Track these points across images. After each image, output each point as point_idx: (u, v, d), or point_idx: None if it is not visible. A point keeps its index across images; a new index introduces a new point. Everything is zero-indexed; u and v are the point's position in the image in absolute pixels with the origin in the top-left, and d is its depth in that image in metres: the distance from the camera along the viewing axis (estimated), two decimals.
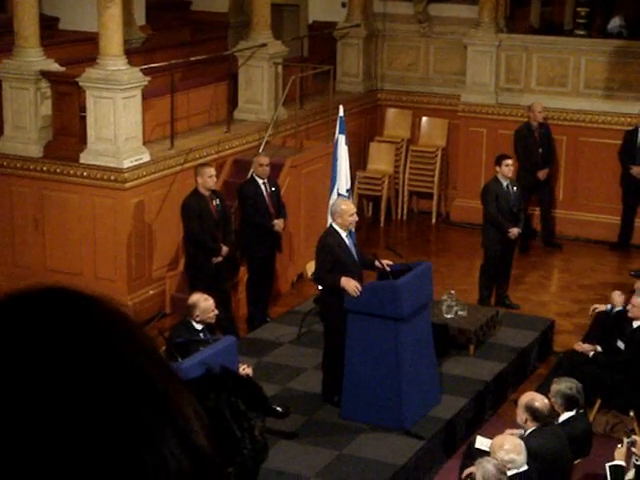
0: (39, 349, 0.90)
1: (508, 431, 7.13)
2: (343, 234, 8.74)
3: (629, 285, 10.82)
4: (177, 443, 0.91)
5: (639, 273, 11.99)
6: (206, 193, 10.23)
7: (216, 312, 8.12)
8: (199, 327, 8.04)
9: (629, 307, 9.08)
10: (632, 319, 9.00)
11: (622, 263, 13.17)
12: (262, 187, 10.80)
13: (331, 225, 8.87)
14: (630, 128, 13.28)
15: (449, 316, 9.95)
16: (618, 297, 9.50)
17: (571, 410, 7.37)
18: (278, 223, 10.77)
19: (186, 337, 7.88)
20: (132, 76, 10.71)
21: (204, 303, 8.04)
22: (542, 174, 13.36)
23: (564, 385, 7.41)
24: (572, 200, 13.99)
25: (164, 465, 0.89)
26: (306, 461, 8.01)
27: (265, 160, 10.86)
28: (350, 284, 8.36)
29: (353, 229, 9.08)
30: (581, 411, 7.46)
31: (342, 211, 8.79)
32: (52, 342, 0.90)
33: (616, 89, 13.77)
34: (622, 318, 9.19)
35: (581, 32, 14.20)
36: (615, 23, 14.23)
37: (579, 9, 14.33)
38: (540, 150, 13.33)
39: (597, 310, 9.64)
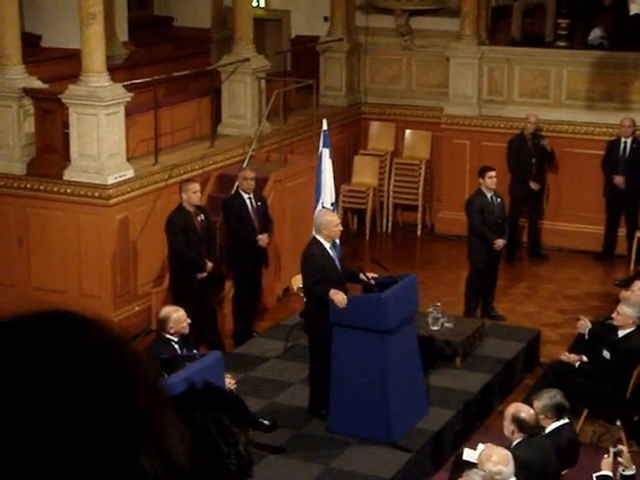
0: (33, 370, 0.96)
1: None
2: (327, 245, 8.73)
3: (614, 295, 10.84)
4: (156, 457, 0.97)
5: (623, 282, 12.01)
6: (191, 209, 10.22)
7: (188, 321, 8.23)
8: (175, 339, 8.13)
9: (614, 316, 9.09)
10: (617, 328, 9.02)
11: (607, 273, 13.21)
12: (247, 202, 10.80)
13: (314, 237, 8.85)
14: (612, 138, 13.34)
15: (435, 328, 9.96)
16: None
17: (562, 418, 7.36)
18: (262, 238, 10.75)
19: (164, 352, 7.92)
20: (115, 92, 10.71)
21: (176, 314, 8.18)
22: (535, 185, 13.41)
23: (547, 396, 7.39)
24: (556, 211, 14.03)
25: (141, 473, 0.95)
26: (294, 476, 7.99)
27: (250, 174, 10.86)
28: (338, 296, 8.36)
29: (337, 240, 9.08)
30: (568, 421, 7.47)
31: (327, 222, 8.78)
32: (46, 364, 0.97)
33: (598, 100, 13.83)
34: (608, 327, 9.20)
35: (562, 43, 14.27)
36: (596, 34, 14.31)
37: (560, 21, 14.40)
38: (533, 160, 13.37)
39: (578, 331, 9.58)
